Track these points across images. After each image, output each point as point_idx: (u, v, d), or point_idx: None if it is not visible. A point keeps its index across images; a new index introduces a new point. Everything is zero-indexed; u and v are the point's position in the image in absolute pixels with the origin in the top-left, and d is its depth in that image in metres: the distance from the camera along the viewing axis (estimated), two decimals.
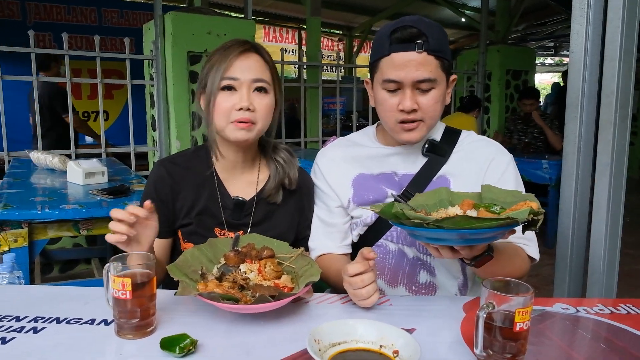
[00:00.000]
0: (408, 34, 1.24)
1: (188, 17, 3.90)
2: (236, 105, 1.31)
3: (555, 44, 14.06)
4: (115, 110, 7.38)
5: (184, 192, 1.42)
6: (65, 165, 2.97)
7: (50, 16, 7.43)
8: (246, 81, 1.32)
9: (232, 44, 1.36)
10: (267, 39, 12.14)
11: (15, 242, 2.10)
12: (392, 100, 1.30)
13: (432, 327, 1.09)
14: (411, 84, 1.26)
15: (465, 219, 0.94)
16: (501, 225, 0.94)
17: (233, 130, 1.33)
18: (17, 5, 7.18)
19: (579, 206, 1.76)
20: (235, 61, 1.32)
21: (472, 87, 6.56)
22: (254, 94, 1.33)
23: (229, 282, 1.12)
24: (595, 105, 1.72)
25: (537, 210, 0.98)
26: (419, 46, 1.23)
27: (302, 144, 5.20)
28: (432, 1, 9.17)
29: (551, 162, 4.58)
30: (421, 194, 1.25)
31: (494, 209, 1.06)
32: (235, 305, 1.03)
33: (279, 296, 1.06)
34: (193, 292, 1.05)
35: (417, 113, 1.29)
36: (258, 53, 1.36)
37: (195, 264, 1.20)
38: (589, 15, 1.68)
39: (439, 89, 1.29)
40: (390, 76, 1.27)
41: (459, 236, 0.99)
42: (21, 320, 1.09)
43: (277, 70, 1.43)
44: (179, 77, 3.87)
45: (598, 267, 1.70)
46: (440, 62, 1.27)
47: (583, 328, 1.12)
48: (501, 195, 1.13)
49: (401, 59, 1.25)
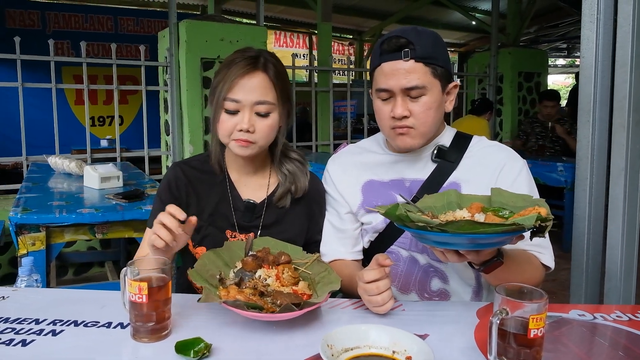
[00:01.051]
0: (395, 43, 1.27)
1: (202, 24, 3.95)
2: (237, 126, 1.33)
3: (568, 45, 13.89)
4: (129, 115, 7.49)
5: (197, 194, 1.45)
6: (81, 170, 3.01)
7: (69, 25, 7.67)
8: (248, 104, 1.33)
9: (240, 59, 1.35)
10: (278, 44, 12.19)
11: (33, 245, 2.13)
12: (385, 108, 1.33)
13: (445, 333, 1.08)
14: (400, 91, 1.28)
15: (470, 223, 0.93)
16: (506, 231, 0.93)
17: (234, 147, 1.37)
18: (37, 15, 7.44)
19: (594, 211, 1.74)
20: (239, 82, 1.33)
21: (483, 90, 6.54)
22: (255, 116, 1.34)
23: (250, 289, 1.13)
24: (608, 109, 1.70)
25: (544, 217, 0.96)
26: (406, 54, 1.26)
27: (313, 147, 5.22)
28: (442, 4, 9.13)
29: (566, 164, 4.54)
30: (430, 195, 1.25)
31: (502, 213, 1.05)
32: (261, 314, 1.04)
33: (303, 305, 1.06)
34: (217, 300, 1.06)
35: (409, 120, 1.30)
36: (264, 71, 1.35)
37: (213, 268, 1.20)
38: (599, 21, 1.67)
39: (430, 95, 1.29)
40: (381, 85, 1.31)
41: (464, 240, 0.98)
42: (40, 323, 1.11)
43: (286, 83, 1.42)
44: (193, 82, 3.92)
45: (615, 272, 1.67)
46: (430, 68, 1.28)
47: (600, 335, 1.09)
48: (511, 199, 1.12)
49: (389, 68, 1.29)
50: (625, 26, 1.60)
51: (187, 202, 1.44)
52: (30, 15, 7.37)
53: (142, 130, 4.23)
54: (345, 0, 9.56)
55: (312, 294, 1.17)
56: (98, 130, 7.38)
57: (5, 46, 3.73)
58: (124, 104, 7.02)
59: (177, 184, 1.44)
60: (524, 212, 1.00)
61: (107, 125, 7.62)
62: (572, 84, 12.66)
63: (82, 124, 4.32)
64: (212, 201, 1.44)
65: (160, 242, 1.13)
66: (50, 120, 3.85)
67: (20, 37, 3.61)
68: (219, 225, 1.44)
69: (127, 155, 4.28)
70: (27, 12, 7.34)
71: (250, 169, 1.48)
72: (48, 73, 3.76)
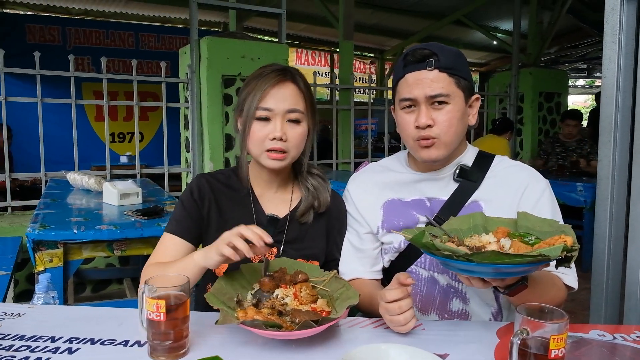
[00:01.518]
0: (419, 54, 1.30)
1: (223, 41, 3.99)
2: (270, 135, 1.35)
3: (588, 65, 13.86)
4: (149, 132, 7.57)
5: (220, 208, 1.45)
6: (100, 186, 3.03)
7: (90, 41, 7.72)
8: (280, 112, 1.35)
9: (269, 71, 1.38)
10: (299, 62, 12.31)
11: (50, 262, 2.13)
12: (408, 119, 1.34)
13: (465, 353, 1.07)
14: (424, 100, 1.29)
15: (495, 254, 0.94)
16: (532, 262, 0.93)
17: (266, 159, 1.38)
18: (57, 31, 7.49)
19: (614, 230, 1.73)
20: (270, 91, 1.35)
21: (504, 110, 6.52)
22: (287, 124, 1.37)
23: (268, 309, 1.13)
24: (630, 129, 1.70)
25: (570, 247, 0.96)
26: (430, 64, 1.28)
27: (334, 165, 5.22)
28: (464, 24, 9.17)
29: (586, 184, 4.53)
30: (456, 217, 1.25)
31: (528, 239, 1.05)
32: (279, 332, 1.03)
33: (322, 321, 1.06)
34: (234, 321, 1.05)
35: (433, 129, 1.30)
36: (294, 82, 1.39)
37: (230, 291, 1.20)
38: (620, 41, 1.67)
39: (454, 104, 1.30)
40: (405, 95, 1.32)
41: (489, 270, 0.98)
42: (56, 341, 1.10)
43: (313, 96, 1.46)
44: (214, 99, 3.95)
45: (635, 292, 1.66)
46: (454, 79, 1.30)
47: (620, 356, 1.09)
48: (537, 224, 1.11)
49: (414, 78, 1.31)
50: None
51: (208, 214, 1.44)
52: (50, 31, 7.43)
53: (162, 147, 4.24)
54: (367, 19, 9.66)
55: (331, 310, 1.17)
56: (118, 147, 7.46)
57: (25, 61, 3.78)
58: (144, 120, 7.12)
59: (200, 193, 1.45)
60: (550, 241, 1.00)
61: (127, 142, 7.68)
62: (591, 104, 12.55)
63: (102, 140, 4.35)
64: (235, 216, 1.44)
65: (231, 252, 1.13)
66: (69, 136, 3.86)
67: (40, 53, 3.64)
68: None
69: (146, 172, 4.31)
70: (47, 28, 7.41)
71: (274, 184, 1.49)
72: (68, 89, 3.80)
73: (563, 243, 0.95)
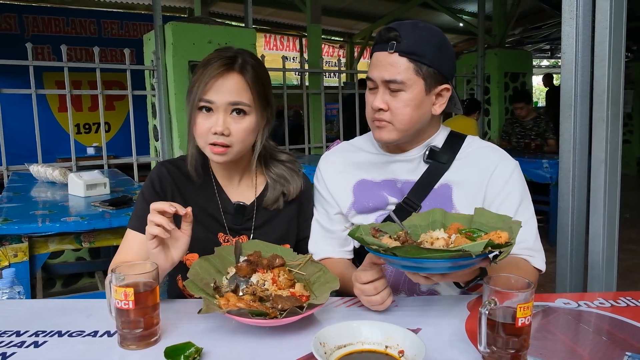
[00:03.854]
0: (384, 34, 1.28)
1: (188, 26, 3.93)
2: (212, 128, 1.29)
3: (551, 46, 14.08)
4: (117, 122, 7.41)
5: (183, 195, 1.41)
6: (66, 178, 2.96)
7: (49, 29, 7.45)
8: (222, 105, 1.29)
9: (216, 60, 1.31)
10: (268, 47, 12.19)
11: (15, 256, 2.08)
12: (369, 98, 1.34)
13: (437, 327, 1.09)
14: (381, 83, 1.28)
15: (416, 249, 0.96)
16: (453, 257, 0.95)
17: (210, 153, 1.33)
18: (14, 19, 7.19)
19: (577, 203, 1.78)
20: (213, 83, 1.29)
21: (472, 90, 6.61)
22: (231, 118, 1.30)
23: (250, 295, 1.12)
24: (589, 104, 1.75)
25: (497, 244, 0.97)
26: (391, 47, 1.26)
27: (306, 150, 5.22)
28: (431, 7, 9.22)
29: (551, 161, 4.64)
30: (417, 213, 1.25)
31: (477, 235, 1.07)
32: (267, 321, 1.03)
33: (307, 307, 1.06)
34: (219, 310, 1.03)
35: (386, 114, 1.29)
36: (240, 72, 1.31)
37: (206, 276, 1.18)
38: (578, 17, 1.71)
39: (410, 92, 1.27)
40: (368, 74, 1.32)
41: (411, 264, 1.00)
42: (22, 335, 1.07)
43: (264, 85, 1.37)
44: (181, 86, 3.89)
45: (597, 262, 1.72)
46: (414, 65, 1.25)
47: (585, 322, 1.13)
48: (491, 220, 1.13)
49: (376, 59, 1.30)
50: (603, 22, 1.65)
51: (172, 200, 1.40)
52: (6, 19, 7.13)
53: (130, 137, 4.16)
54: (335, 3, 9.61)
55: (309, 294, 1.16)
56: (84, 138, 7.29)
57: None
58: (110, 110, 6.96)
59: (161, 183, 1.41)
60: (486, 237, 1.02)
61: (94, 133, 7.51)
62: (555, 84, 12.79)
63: (67, 132, 4.22)
64: (200, 203, 1.41)
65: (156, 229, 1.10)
66: (32, 128, 3.73)
67: None
68: (209, 228, 1.41)
69: (115, 162, 4.22)
70: (2, 16, 7.09)
71: (236, 172, 1.45)
72: (29, 79, 3.68)
73: (488, 240, 0.96)
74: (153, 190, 1.39)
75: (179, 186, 1.42)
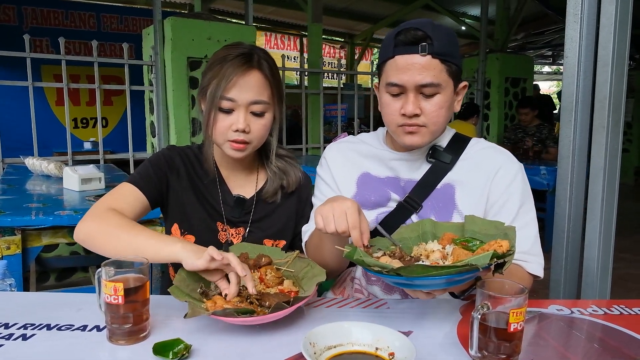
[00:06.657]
0: (412, 36, 1.20)
1: (188, 22, 3.91)
2: (232, 126, 1.31)
3: (553, 52, 14.11)
4: (114, 117, 7.38)
5: (186, 182, 1.43)
6: (61, 172, 2.95)
7: (48, 21, 7.41)
8: (244, 103, 1.31)
9: (234, 55, 1.31)
10: (268, 45, 12.20)
11: (7, 249, 2.06)
12: (394, 104, 1.26)
13: (429, 330, 1.08)
14: (414, 88, 1.22)
15: (422, 267, 0.95)
16: (460, 271, 0.93)
17: (229, 149, 1.35)
18: (13, 10, 7.15)
19: (574, 209, 1.77)
20: (235, 81, 1.29)
21: (472, 95, 6.60)
22: (251, 116, 1.33)
23: (237, 296, 1.11)
24: (589, 110, 1.73)
25: (501, 254, 0.96)
26: (423, 49, 1.19)
27: (303, 150, 5.22)
28: (433, 9, 9.21)
29: (549, 168, 4.62)
30: (406, 225, 1.24)
31: (472, 244, 1.06)
32: (253, 318, 1.02)
33: (294, 301, 1.05)
34: (204, 312, 1.03)
35: (420, 118, 1.25)
36: (259, 69, 1.32)
37: (192, 282, 1.17)
38: (582, 21, 1.69)
39: (444, 94, 1.24)
40: (393, 79, 1.24)
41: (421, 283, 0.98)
42: (10, 328, 1.06)
43: (279, 80, 1.40)
44: (179, 82, 3.87)
45: (592, 269, 1.71)
46: (446, 66, 1.22)
47: (577, 329, 1.12)
48: (484, 227, 1.11)
49: (404, 62, 1.22)
50: (607, 26, 1.63)
51: (170, 184, 1.42)
52: (5, 10, 7.07)
53: (127, 133, 4.15)
54: (337, 2, 9.60)
55: (298, 290, 1.17)
56: (81, 133, 7.24)
57: None
58: (108, 105, 6.93)
59: (170, 162, 1.43)
60: (486, 247, 1.00)
61: (91, 128, 7.44)
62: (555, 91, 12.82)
63: (64, 126, 4.20)
64: (202, 190, 1.44)
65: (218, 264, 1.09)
66: (29, 121, 3.73)
67: None
68: (209, 214, 1.44)
69: (111, 157, 4.22)
70: (1, 7, 7.03)
71: (240, 166, 1.48)
72: (26, 72, 3.66)
73: (493, 250, 0.95)
74: (161, 161, 1.42)
75: (183, 171, 1.44)
